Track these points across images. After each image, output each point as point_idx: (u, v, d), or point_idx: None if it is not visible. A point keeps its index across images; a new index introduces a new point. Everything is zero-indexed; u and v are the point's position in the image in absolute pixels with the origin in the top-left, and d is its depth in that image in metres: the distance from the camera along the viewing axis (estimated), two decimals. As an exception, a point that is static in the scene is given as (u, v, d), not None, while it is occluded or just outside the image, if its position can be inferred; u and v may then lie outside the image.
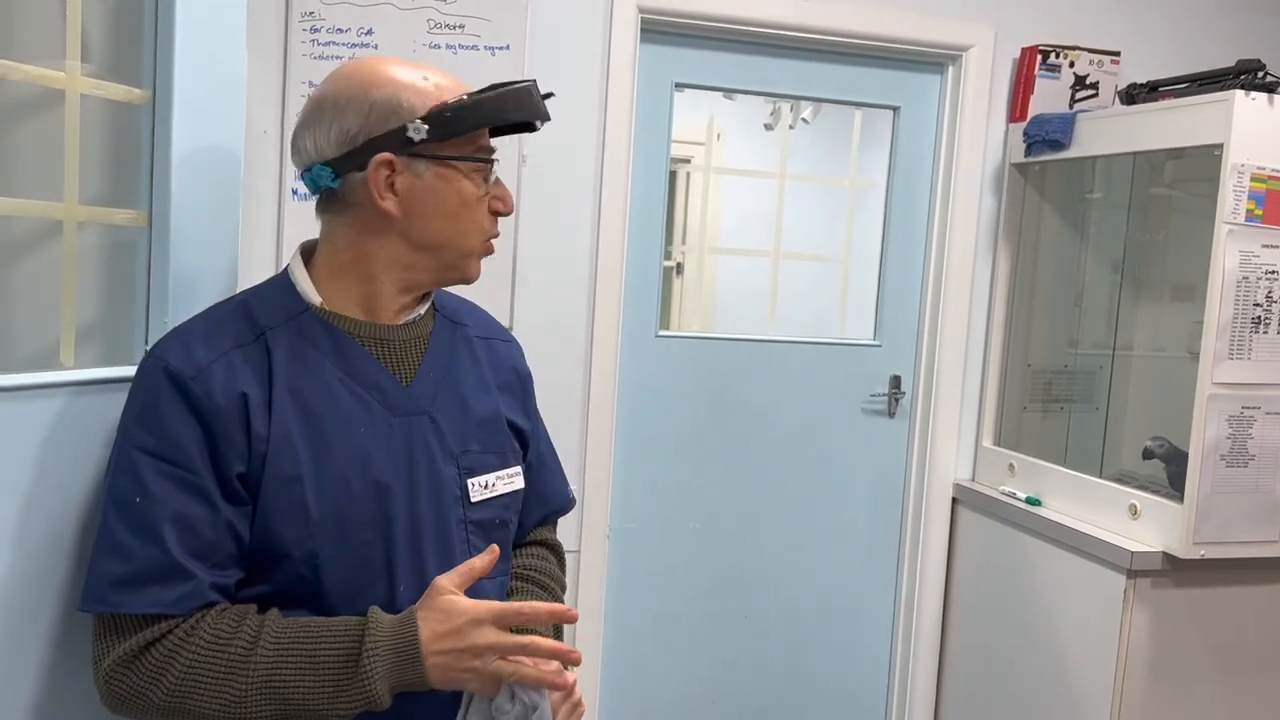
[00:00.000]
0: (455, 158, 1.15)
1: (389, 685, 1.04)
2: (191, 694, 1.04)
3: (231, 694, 1.03)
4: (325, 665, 1.04)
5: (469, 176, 1.16)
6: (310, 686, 1.04)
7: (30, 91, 1.24)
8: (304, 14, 2.30)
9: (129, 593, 1.04)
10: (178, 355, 1.10)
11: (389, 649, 1.04)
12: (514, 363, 1.37)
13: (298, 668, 1.04)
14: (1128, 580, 2.27)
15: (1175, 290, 2.75)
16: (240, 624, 1.06)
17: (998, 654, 2.71)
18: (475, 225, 1.19)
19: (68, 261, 1.25)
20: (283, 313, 1.17)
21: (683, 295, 3.77)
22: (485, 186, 1.18)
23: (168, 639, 1.05)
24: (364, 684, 1.03)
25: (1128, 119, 2.45)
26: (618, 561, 2.73)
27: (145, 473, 1.06)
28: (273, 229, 2.36)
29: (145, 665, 1.04)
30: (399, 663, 1.04)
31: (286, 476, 1.10)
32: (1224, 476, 2.22)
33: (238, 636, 1.05)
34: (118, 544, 1.06)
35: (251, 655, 1.04)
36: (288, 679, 1.03)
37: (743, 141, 3.64)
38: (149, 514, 1.05)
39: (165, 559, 1.04)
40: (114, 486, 1.08)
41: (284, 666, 1.04)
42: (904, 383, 2.91)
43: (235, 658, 1.04)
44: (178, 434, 1.07)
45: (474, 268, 1.23)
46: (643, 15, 2.54)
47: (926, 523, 2.89)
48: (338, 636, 1.06)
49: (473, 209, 1.18)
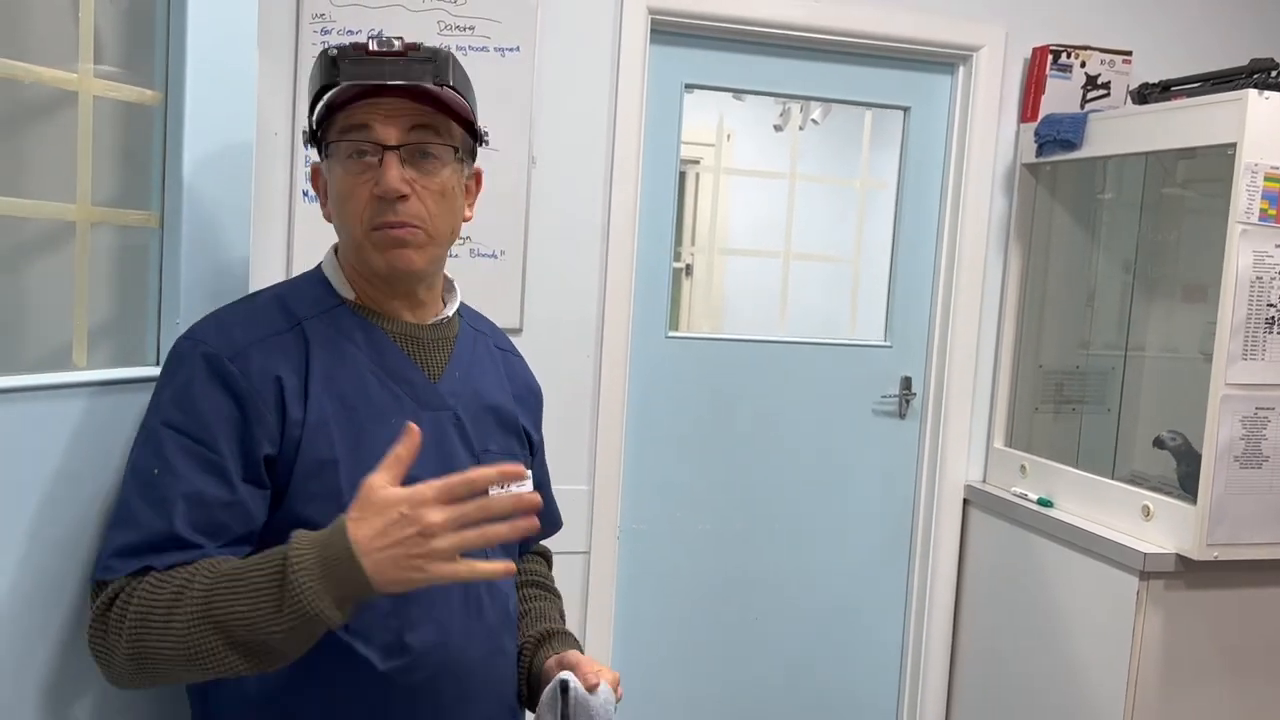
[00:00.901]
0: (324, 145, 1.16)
1: (331, 597, 0.98)
2: (145, 636, 1.02)
3: (177, 628, 1.00)
4: (256, 585, 0.99)
5: (342, 163, 1.14)
6: (246, 609, 0.99)
7: (43, 93, 1.25)
8: (314, 15, 2.31)
9: (128, 559, 1.05)
10: (215, 338, 1.12)
11: (316, 558, 0.98)
12: (527, 379, 1.40)
13: (230, 591, 1.00)
14: (1140, 582, 2.26)
15: (1188, 290, 2.74)
16: (183, 571, 1.04)
17: (1009, 656, 2.70)
18: (353, 215, 1.14)
19: (80, 262, 1.26)
20: (317, 305, 1.18)
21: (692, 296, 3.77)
22: (370, 173, 1.12)
23: (124, 591, 1.05)
24: (297, 598, 0.97)
25: (1140, 119, 2.44)
26: (627, 562, 2.73)
27: (168, 447, 1.07)
28: (283, 229, 2.36)
29: (110, 621, 1.05)
30: (331, 569, 0.97)
31: (320, 461, 1.11)
32: (1237, 478, 2.20)
33: (178, 575, 1.03)
34: (131, 515, 1.07)
35: (189, 587, 1.01)
36: (223, 604, 0.99)
37: (752, 142, 3.64)
38: (164, 488, 1.06)
39: (169, 532, 1.05)
40: (136, 460, 1.10)
41: (218, 593, 1.00)
42: (915, 384, 2.90)
43: (174, 592, 1.02)
44: (208, 413, 1.08)
45: (373, 258, 1.15)
46: (653, 16, 2.53)
47: (937, 524, 2.88)
48: (267, 557, 1.01)
49: (349, 198, 1.14)
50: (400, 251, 1.14)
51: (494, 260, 2.47)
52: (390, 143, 1.12)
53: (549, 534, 1.48)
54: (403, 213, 1.13)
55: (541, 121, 2.49)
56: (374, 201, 1.13)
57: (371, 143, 1.12)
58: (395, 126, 1.13)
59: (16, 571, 1.12)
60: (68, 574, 1.17)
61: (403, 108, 1.13)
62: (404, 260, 1.15)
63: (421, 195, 1.14)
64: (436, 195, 1.16)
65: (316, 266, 1.25)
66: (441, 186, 1.16)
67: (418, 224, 1.14)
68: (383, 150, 1.12)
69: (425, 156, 1.15)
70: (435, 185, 1.15)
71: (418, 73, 1.12)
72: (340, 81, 1.11)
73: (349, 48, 1.12)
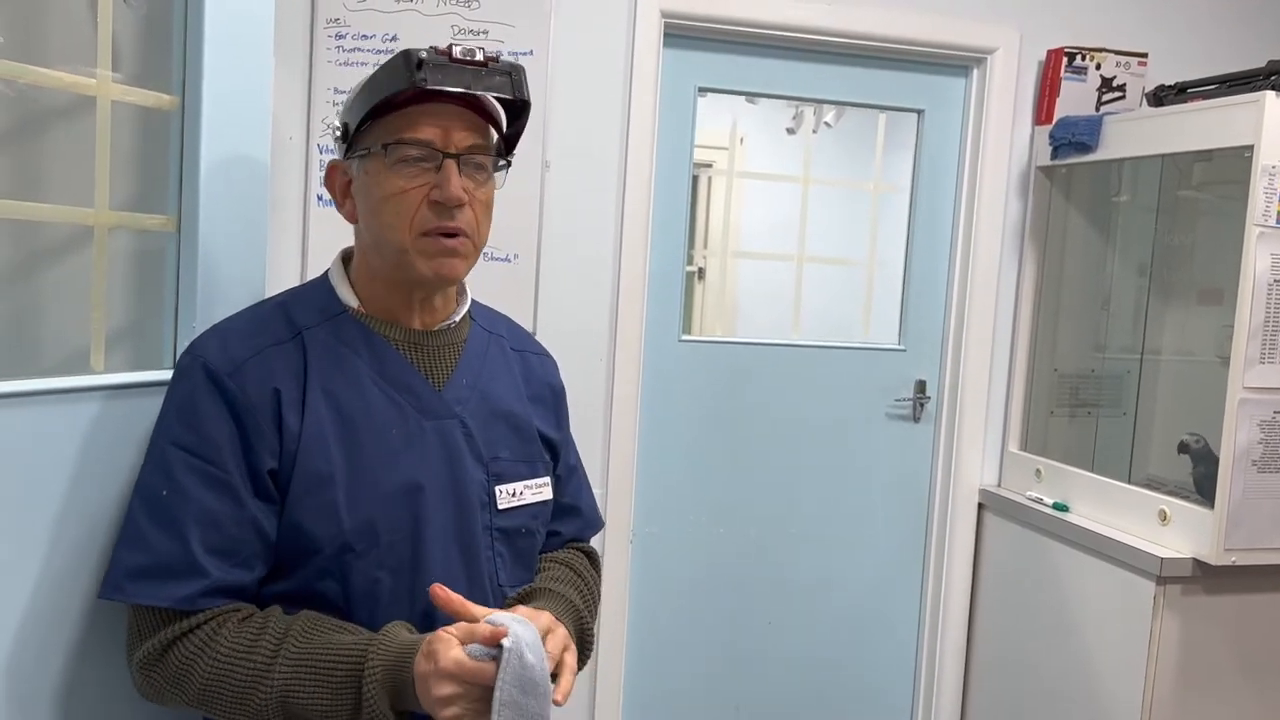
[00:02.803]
0: (367, 150, 1.15)
1: (388, 705, 1.04)
2: (214, 699, 1.07)
3: (252, 705, 1.05)
4: (336, 683, 1.04)
5: (391, 168, 1.13)
6: (326, 704, 1.04)
7: (62, 98, 1.26)
8: (329, 20, 2.32)
9: (144, 584, 1.06)
10: (215, 352, 1.12)
11: (386, 676, 1.04)
12: (548, 377, 1.37)
13: (313, 684, 1.05)
14: (1157, 587, 2.25)
15: (1204, 294, 2.72)
16: (259, 637, 1.07)
17: (1025, 662, 2.68)
18: (401, 219, 1.13)
19: (98, 266, 1.26)
20: (320, 314, 1.18)
21: (705, 300, 3.76)
22: (424, 177, 1.12)
23: (188, 640, 1.06)
24: (368, 705, 1.03)
25: (1156, 121, 2.43)
26: (640, 566, 2.72)
27: (175, 467, 1.08)
28: (298, 234, 2.37)
29: (168, 667, 1.07)
30: (394, 689, 1.04)
31: (318, 474, 1.10)
32: (1255, 482, 2.19)
33: (257, 650, 1.06)
34: (140, 535, 1.07)
35: (271, 670, 1.05)
36: (302, 695, 1.05)
37: (765, 146, 3.63)
38: (175, 509, 1.07)
39: (185, 555, 1.06)
40: (144, 479, 1.10)
41: (300, 683, 1.05)
42: (929, 387, 2.89)
43: (255, 671, 1.05)
44: (212, 430, 1.09)
45: (419, 265, 1.14)
46: (666, 20, 2.53)
47: (952, 528, 2.86)
48: (347, 656, 1.05)
49: (397, 202, 1.13)
50: (449, 260, 1.15)
51: (507, 264, 2.47)
52: (452, 150, 1.13)
53: (588, 535, 1.44)
54: (459, 219, 1.14)
55: (555, 125, 2.49)
56: (427, 207, 1.13)
57: (432, 149, 1.12)
58: (459, 136, 1.14)
59: (35, 573, 1.13)
60: (84, 577, 1.17)
61: (466, 118, 1.15)
62: (450, 269, 1.15)
63: (473, 205, 1.15)
64: (484, 206, 1.17)
65: (323, 274, 1.24)
66: (488, 198, 1.18)
67: (469, 233, 1.15)
68: (441, 157, 1.12)
69: (477, 168, 1.16)
70: (484, 196, 1.17)
71: (497, 85, 1.14)
72: (424, 85, 1.09)
73: (433, 51, 1.11)
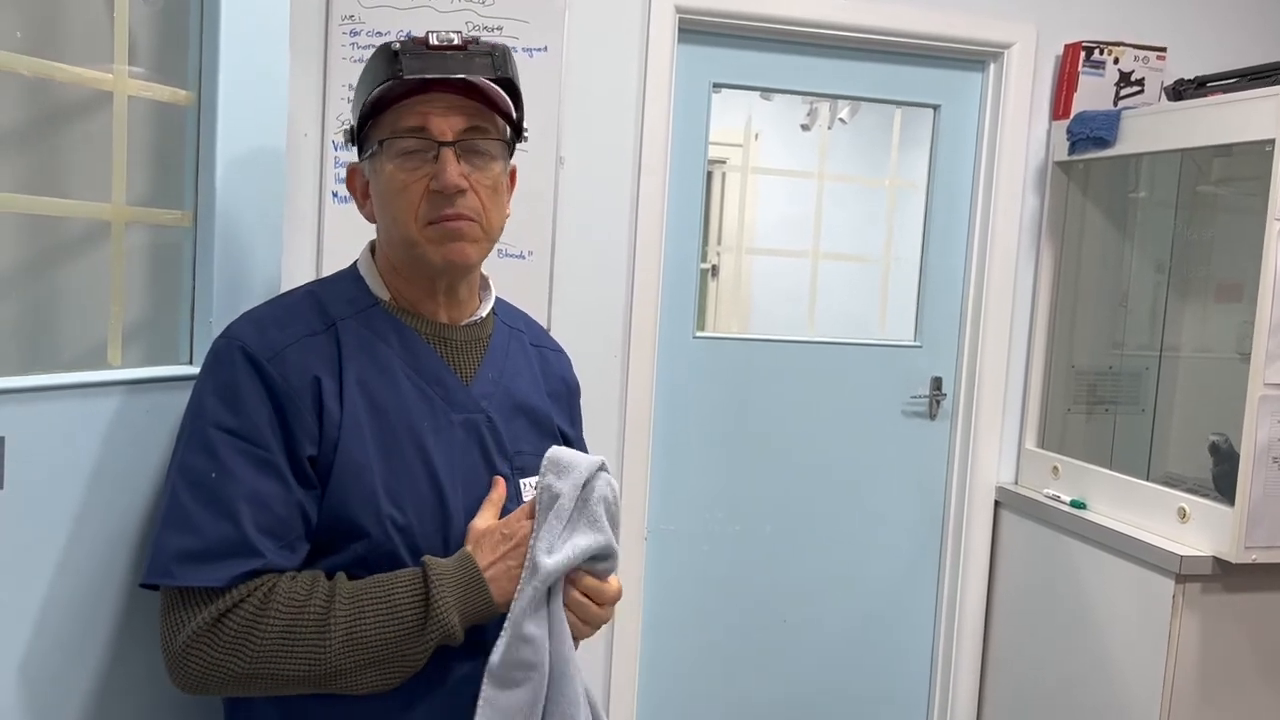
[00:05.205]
0: (371, 145, 1.16)
1: (459, 615, 1.08)
2: (274, 658, 1.05)
3: (317, 653, 1.05)
4: (401, 611, 1.07)
5: (393, 162, 1.14)
6: (391, 633, 1.06)
7: (79, 94, 1.26)
8: (344, 17, 2.32)
9: (196, 567, 1.05)
10: (253, 337, 1.12)
11: (453, 581, 1.09)
12: (563, 373, 1.38)
13: (376, 617, 1.07)
14: (1176, 585, 2.23)
15: (1223, 290, 2.70)
16: (313, 587, 1.08)
17: (1042, 661, 2.66)
18: (407, 212, 1.14)
19: (115, 261, 1.27)
20: (351, 305, 1.19)
21: (719, 296, 3.76)
22: (425, 168, 1.13)
23: (243, 607, 1.05)
24: (439, 619, 1.07)
25: (1175, 115, 2.41)
26: (655, 564, 2.72)
27: (221, 450, 1.07)
28: (313, 230, 2.37)
29: (223, 636, 1.05)
30: (464, 591, 1.09)
31: (357, 464, 1.11)
32: (1276, 479, 2.17)
33: (313, 598, 1.07)
34: (188, 519, 1.06)
35: (330, 613, 1.06)
36: (368, 630, 1.06)
37: (780, 142, 3.62)
38: (224, 491, 1.06)
39: (238, 536, 1.05)
40: (186, 463, 1.09)
41: (363, 619, 1.06)
42: (945, 384, 2.88)
43: (315, 618, 1.06)
44: (255, 412, 1.09)
45: (430, 253, 1.15)
46: (680, 15, 2.53)
47: (968, 526, 2.85)
48: (405, 583, 1.09)
49: (402, 195, 1.14)
50: (457, 245, 1.15)
51: (522, 261, 2.47)
52: (447, 138, 1.13)
53: None
54: (460, 206, 1.14)
55: (569, 122, 2.49)
56: (429, 197, 1.14)
57: (427, 139, 1.13)
58: (451, 122, 1.14)
59: (56, 571, 1.13)
60: (108, 573, 1.18)
61: (457, 103, 1.15)
62: (460, 253, 1.16)
63: (476, 189, 1.15)
64: (489, 190, 1.17)
65: (352, 265, 1.25)
66: (494, 181, 1.18)
67: (474, 217, 1.15)
68: (438, 146, 1.13)
69: (478, 152, 1.16)
70: (488, 180, 1.17)
71: (478, 67, 1.14)
72: (402, 75, 1.11)
73: (409, 41, 1.13)
